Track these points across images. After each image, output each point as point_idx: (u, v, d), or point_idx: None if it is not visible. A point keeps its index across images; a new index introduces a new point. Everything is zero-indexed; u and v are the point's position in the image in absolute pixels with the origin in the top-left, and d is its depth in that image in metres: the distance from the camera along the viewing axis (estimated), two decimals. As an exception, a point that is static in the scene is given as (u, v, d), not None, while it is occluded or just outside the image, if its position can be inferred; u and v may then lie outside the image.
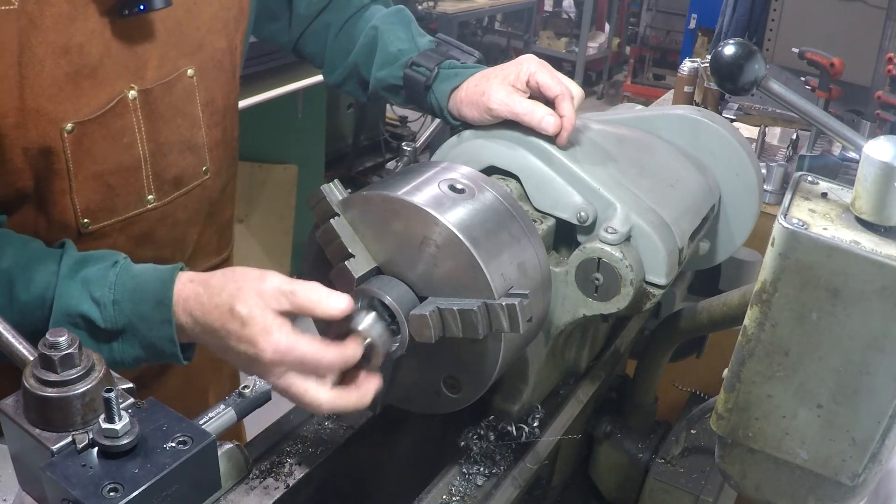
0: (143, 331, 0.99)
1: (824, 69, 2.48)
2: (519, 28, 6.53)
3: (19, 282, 1.01)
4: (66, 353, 0.74)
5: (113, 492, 0.69)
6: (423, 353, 0.97)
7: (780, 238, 0.89)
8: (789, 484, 1.03)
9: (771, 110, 2.91)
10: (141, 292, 0.99)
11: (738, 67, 1.17)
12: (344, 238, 0.94)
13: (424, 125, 5.20)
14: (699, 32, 5.82)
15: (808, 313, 0.90)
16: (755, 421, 0.99)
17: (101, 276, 1.00)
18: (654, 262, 1.07)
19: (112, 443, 0.72)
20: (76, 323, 1.00)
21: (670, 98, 2.98)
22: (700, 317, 1.36)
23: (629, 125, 1.35)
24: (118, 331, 1.00)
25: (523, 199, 1.12)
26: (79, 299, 0.99)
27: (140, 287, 0.99)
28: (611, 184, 1.10)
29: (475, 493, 1.08)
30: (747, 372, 0.97)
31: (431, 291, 0.93)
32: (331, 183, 0.98)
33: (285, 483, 1.04)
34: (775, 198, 2.23)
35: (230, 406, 0.95)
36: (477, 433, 1.13)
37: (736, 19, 3.49)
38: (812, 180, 1.03)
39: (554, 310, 1.08)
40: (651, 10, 7.73)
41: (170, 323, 0.97)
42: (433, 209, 0.91)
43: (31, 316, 1.01)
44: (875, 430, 0.92)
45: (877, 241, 0.87)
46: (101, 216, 1.17)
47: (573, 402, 1.29)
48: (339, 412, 1.07)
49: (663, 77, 7.74)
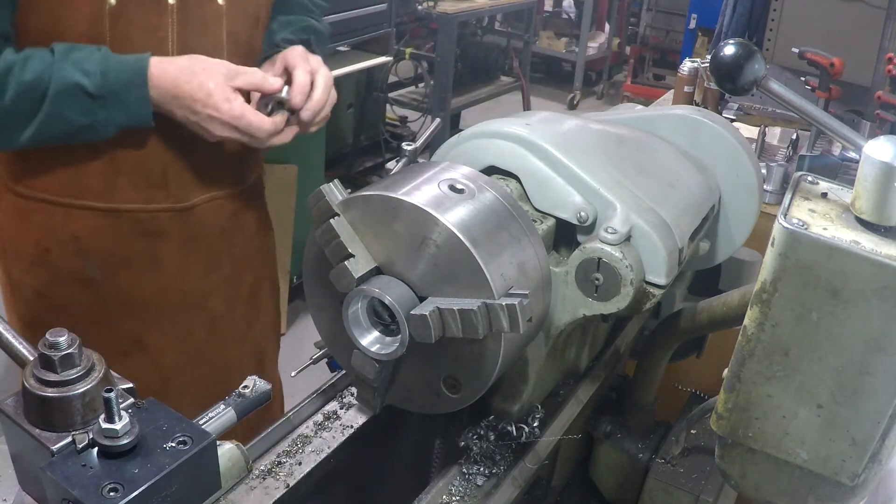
0: (124, 97, 1.31)
1: (824, 69, 2.48)
2: (519, 28, 6.52)
3: (18, 66, 1.26)
4: (66, 353, 0.74)
5: (113, 492, 0.69)
6: (423, 353, 0.97)
7: (780, 238, 0.89)
8: (789, 484, 1.03)
9: (771, 110, 2.91)
10: (123, 65, 1.30)
11: (738, 67, 1.17)
12: (344, 238, 0.94)
13: (424, 125, 5.20)
14: (699, 32, 5.82)
15: (808, 313, 0.90)
16: (755, 421, 0.99)
17: (88, 56, 1.29)
18: (654, 262, 1.07)
19: (112, 443, 0.72)
20: (72, 93, 1.28)
21: (670, 98, 2.97)
22: (700, 317, 1.36)
23: (629, 125, 1.35)
24: (105, 97, 1.29)
25: (523, 199, 1.12)
26: (72, 73, 1.27)
27: (122, 63, 1.30)
28: (611, 184, 1.10)
29: (475, 493, 1.08)
30: (747, 372, 0.97)
31: (431, 291, 0.93)
32: (331, 183, 0.98)
33: (285, 483, 1.04)
34: (775, 198, 2.23)
35: (230, 406, 0.95)
36: (477, 433, 1.13)
37: (736, 19, 3.49)
38: (812, 180, 1.03)
39: (554, 310, 1.08)
40: (651, 10, 7.72)
41: (146, 87, 1.31)
42: (433, 209, 0.91)
43: (27, 96, 1.26)
44: (875, 430, 0.92)
45: (877, 241, 0.87)
46: None
47: (573, 402, 1.29)
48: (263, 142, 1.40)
49: (663, 77, 7.73)
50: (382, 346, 0.98)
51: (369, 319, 0.99)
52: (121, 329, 1.55)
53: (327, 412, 1.17)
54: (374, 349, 0.98)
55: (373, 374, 1.00)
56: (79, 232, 1.47)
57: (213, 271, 1.62)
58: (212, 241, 1.58)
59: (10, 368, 2.67)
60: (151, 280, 1.54)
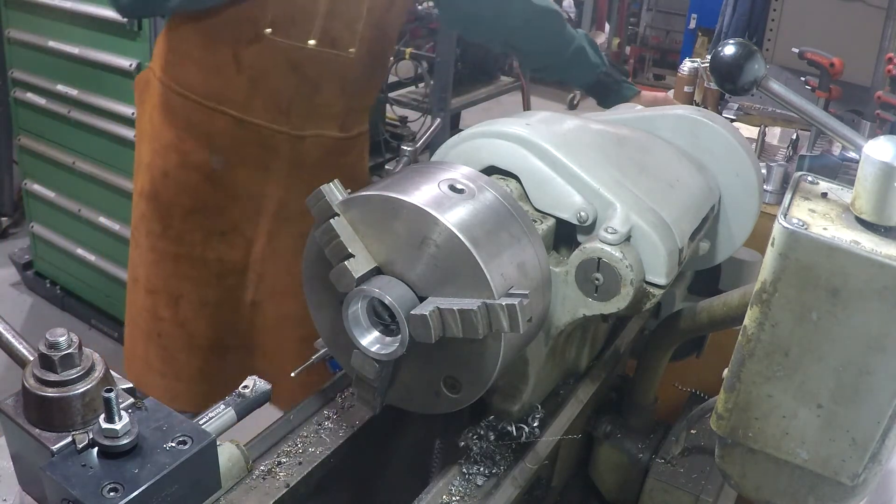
0: None
1: (824, 69, 2.48)
2: (519, 28, 6.55)
3: None
4: (66, 353, 0.74)
5: (113, 492, 0.69)
6: (423, 353, 0.97)
7: (780, 238, 0.89)
8: (789, 484, 1.03)
9: (771, 110, 2.91)
10: None
11: (738, 67, 1.17)
12: (344, 238, 0.94)
13: (424, 125, 5.20)
14: (699, 32, 5.82)
15: (808, 313, 0.90)
16: (755, 421, 0.99)
17: None
18: (654, 262, 1.07)
19: (112, 443, 0.72)
20: None
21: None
22: (700, 317, 1.36)
23: (629, 125, 1.35)
24: None
25: (523, 199, 1.12)
26: None
27: None
28: (611, 184, 1.10)
29: (475, 493, 1.08)
30: (747, 372, 0.97)
31: (431, 291, 0.93)
32: (331, 183, 0.98)
33: (285, 483, 1.04)
34: (775, 198, 2.23)
35: (230, 406, 0.95)
36: (477, 433, 1.13)
37: (736, 19, 3.49)
38: (812, 180, 1.03)
39: (554, 310, 1.08)
40: (651, 10, 7.73)
41: None
42: (433, 209, 0.91)
43: None
44: (875, 430, 0.92)
45: (877, 241, 0.87)
46: None
47: (573, 402, 1.29)
48: None
49: (663, 77, 7.74)
50: (382, 346, 0.98)
51: (369, 319, 0.99)
52: (226, 214, 1.88)
53: (327, 412, 1.17)
54: (374, 349, 0.98)
55: (373, 374, 1.00)
56: (214, 131, 1.80)
57: (306, 195, 1.82)
58: (313, 170, 1.87)
59: (10, 368, 2.68)
60: (260, 183, 1.86)
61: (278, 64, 1.73)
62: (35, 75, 3.36)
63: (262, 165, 1.85)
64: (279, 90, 1.77)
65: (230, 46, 1.72)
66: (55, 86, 3.26)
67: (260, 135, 1.81)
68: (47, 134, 3.44)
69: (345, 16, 1.72)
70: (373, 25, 1.77)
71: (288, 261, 1.94)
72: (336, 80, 1.80)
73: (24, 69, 3.41)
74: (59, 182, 3.49)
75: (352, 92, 1.86)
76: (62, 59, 3.17)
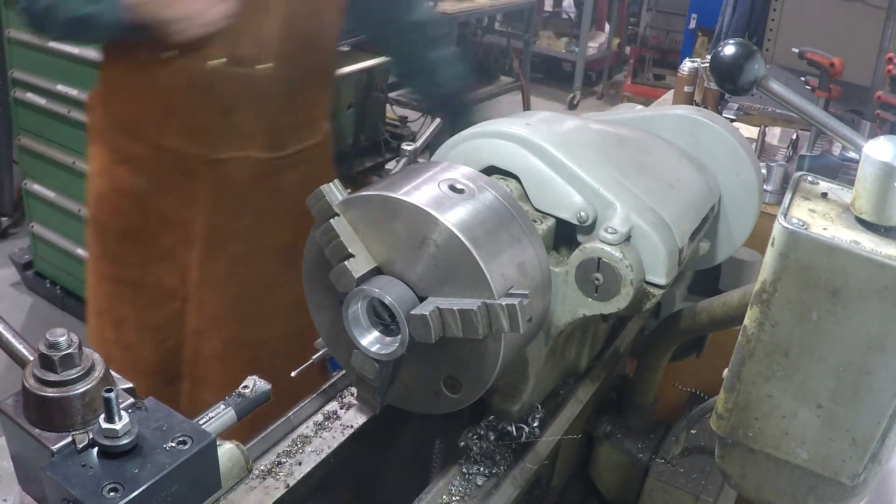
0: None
1: (824, 69, 2.48)
2: (519, 28, 6.53)
3: None
4: (66, 353, 0.74)
5: (113, 492, 0.69)
6: (423, 353, 0.97)
7: (780, 238, 0.89)
8: (789, 484, 1.03)
9: (771, 110, 2.91)
10: None
11: (738, 67, 1.17)
12: (344, 238, 0.94)
13: (424, 125, 5.20)
14: (699, 32, 5.82)
15: (808, 313, 0.90)
16: (755, 421, 0.99)
17: None
18: (654, 262, 1.07)
19: (112, 443, 0.72)
20: None
21: (670, 98, 2.97)
22: (700, 317, 1.36)
23: (629, 125, 1.35)
24: None
25: (523, 199, 1.12)
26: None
27: None
28: (611, 184, 1.09)
29: (475, 493, 1.08)
30: (747, 372, 0.97)
31: (431, 291, 0.93)
32: (331, 183, 0.98)
33: (285, 483, 1.04)
34: (775, 198, 2.22)
35: (230, 406, 0.95)
36: (477, 433, 1.13)
37: (736, 19, 3.49)
38: (812, 180, 1.03)
39: (554, 310, 1.08)
40: (651, 10, 7.73)
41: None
42: (433, 209, 0.91)
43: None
44: (875, 430, 0.92)
45: (877, 241, 0.87)
46: None
47: (573, 402, 1.29)
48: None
49: (663, 77, 7.73)
50: (382, 346, 0.98)
51: (369, 319, 0.99)
52: (159, 239, 1.87)
53: (327, 412, 1.17)
54: (374, 349, 0.98)
55: (373, 374, 1.00)
56: (134, 156, 1.80)
57: (235, 219, 1.88)
58: (240, 192, 1.85)
59: (10, 368, 2.68)
60: (186, 208, 1.84)
61: (188, 86, 1.71)
62: (35, 75, 3.37)
63: (186, 190, 1.83)
64: (191, 113, 1.75)
65: (145, 70, 1.72)
66: (55, 86, 3.27)
67: (178, 159, 1.79)
68: (47, 134, 3.45)
69: (252, 33, 1.68)
70: (293, 39, 1.73)
71: (222, 286, 1.92)
72: (250, 99, 1.76)
73: (24, 69, 3.42)
74: (59, 182, 3.49)
75: (275, 110, 1.81)
76: (62, 59, 3.18)
